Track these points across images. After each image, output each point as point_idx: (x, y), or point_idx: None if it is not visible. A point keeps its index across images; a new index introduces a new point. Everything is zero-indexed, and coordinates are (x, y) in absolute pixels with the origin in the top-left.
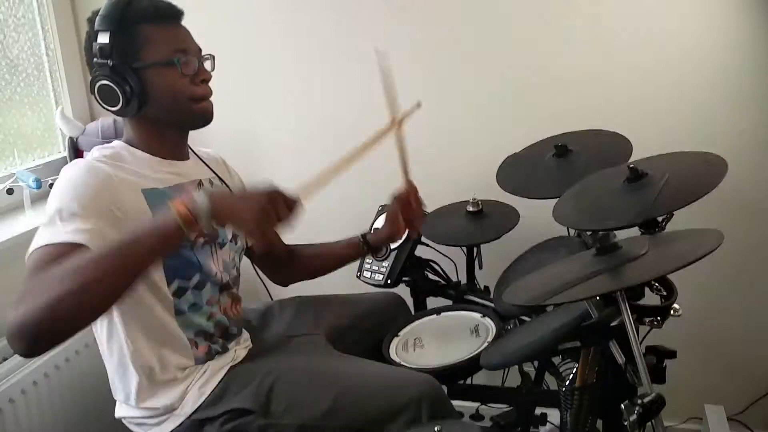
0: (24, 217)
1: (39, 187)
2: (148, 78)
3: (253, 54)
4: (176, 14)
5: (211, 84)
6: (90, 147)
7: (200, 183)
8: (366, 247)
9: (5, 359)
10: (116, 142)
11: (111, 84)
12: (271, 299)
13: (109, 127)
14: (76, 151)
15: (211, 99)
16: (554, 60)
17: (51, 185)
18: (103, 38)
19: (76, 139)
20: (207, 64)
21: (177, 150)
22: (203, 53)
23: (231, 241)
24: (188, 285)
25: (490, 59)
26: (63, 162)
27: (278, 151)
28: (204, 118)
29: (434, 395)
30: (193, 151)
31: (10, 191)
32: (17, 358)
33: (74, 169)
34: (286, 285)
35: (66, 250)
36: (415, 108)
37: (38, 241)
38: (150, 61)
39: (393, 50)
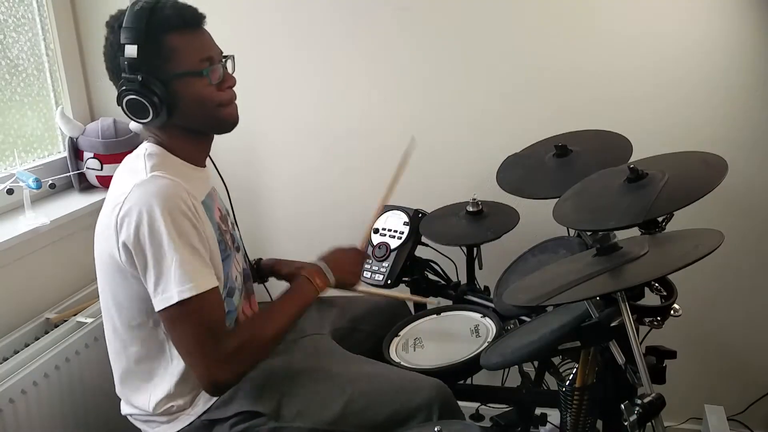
0: (24, 218)
1: (39, 187)
2: (176, 88)
3: (253, 55)
4: (200, 19)
5: (234, 55)
6: (90, 147)
7: (215, 190)
8: (256, 271)
9: (5, 359)
10: (153, 147)
11: (141, 99)
12: (271, 299)
13: (109, 127)
14: (76, 151)
15: (236, 102)
16: (554, 60)
17: (51, 185)
18: (131, 51)
19: (76, 139)
20: (229, 66)
21: (203, 156)
22: (223, 54)
23: (242, 244)
24: (225, 294)
25: (490, 60)
26: (63, 162)
27: (279, 152)
28: (232, 122)
29: (444, 399)
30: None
31: (10, 191)
32: (17, 358)
33: (168, 195)
34: None
35: (213, 293)
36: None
37: (192, 283)
38: (178, 71)
39: (393, 50)
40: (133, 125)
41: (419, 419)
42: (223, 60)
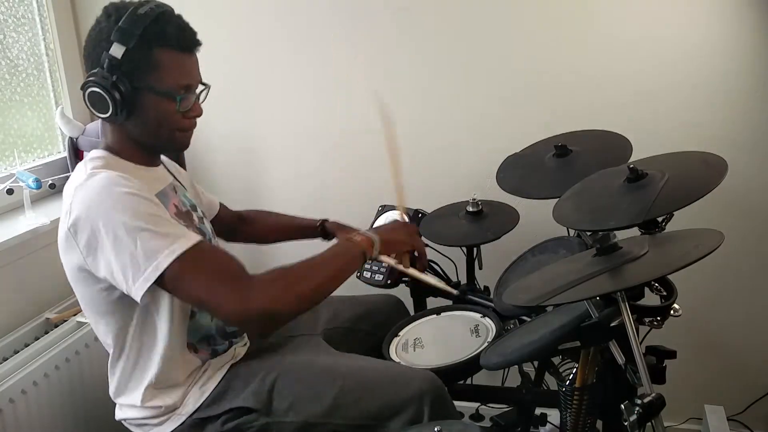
0: (24, 218)
1: (39, 187)
2: (144, 99)
3: (253, 55)
4: (195, 46)
5: (213, 85)
6: (90, 147)
7: (174, 187)
8: (322, 231)
9: (5, 359)
10: (98, 152)
11: (105, 95)
12: None
13: None
14: (76, 151)
15: (192, 131)
16: (554, 60)
17: (51, 185)
18: (116, 52)
19: (76, 139)
20: (202, 96)
21: (153, 160)
22: (202, 82)
23: (213, 237)
24: None
25: (490, 60)
26: (63, 162)
27: (279, 153)
28: (180, 147)
29: (436, 392)
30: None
31: (10, 191)
32: (17, 358)
33: (108, 187)
34: (228, 241)
35: (205, 243)
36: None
37: (166, 252)
38: (154, 86)
39: (393, 51)
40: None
41: (410, 411)
42: (201, 89)
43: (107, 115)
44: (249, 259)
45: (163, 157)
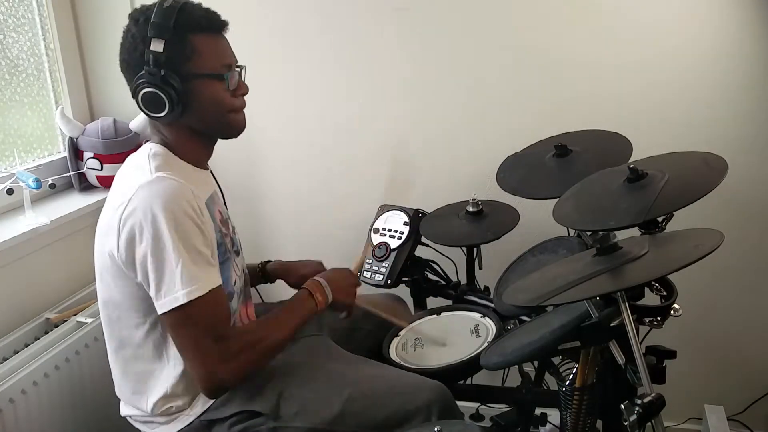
0: (24, 218)
1: (39, 187)
2: (194, 88)
3: (253, 56)
4: (224, 25)
5: (246, 65)
6: (90, 147)
7: (217, 194)
8: (262, 275)
9: (5, 359)
10: (158, 147)
11: (159, 92)
12: (262, 301)
13: (109, 127)
14: (76, 151)
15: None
16: (555, 60)
17: (51, 185)
18: (157, 46)
19: (76, 139)
20: (242, 75)
21: (206, 158)
22: (237, 63)
23: (241, 248)
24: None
25: (490, 59)
26: (63, 162)
27: (279, 153)
28: (239, 128)
29: (444, 402)
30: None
31: (10, 191)
32: (17, 358)
33: (174, 201)
34: None
35: (218, 291)
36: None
37: (197, 284)
38: (200, 72)
39: (393, 51)
40: (134, 124)
41: (418, 420)
42: (238, 68)
43: (164, 113)
44: (251, 255)
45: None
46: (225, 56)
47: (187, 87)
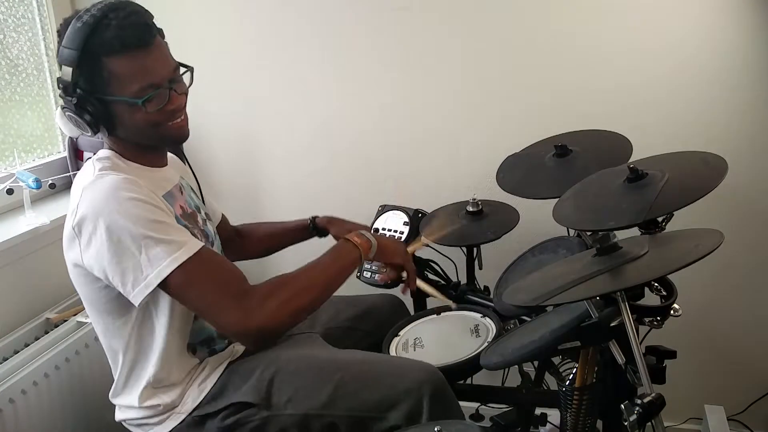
0: (24, 218)
1: (39, 187)
2: (114, 110)
3: (253, 56)
4: (147, 40)
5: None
6: (90, 147)
7: (180, 188)
8: (313, 229)
9: (5, 359)
10: (104, 152)
11: (76, 117)
12: None
13: None
14: (76, 151)
15: (185, 115)
16: (555, 60)
17: (51, 185)
18: (66, 74)
19: (76, 139)
20: (185, 78)
21: (159, 159)
22: (181, 69)
23: (216, 239)
24: None
25: (491, 59)
26: (63, 162)
27: (278, 153)
28: (177, 139)
29: (435, 383)
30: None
31: (9, 191)
32: (17, 358)
33: (115, 191)
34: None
35: (208, 251)
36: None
37: (169, 259)
38: (116, 96)
39: (394, 50)
40: None
41: (409, 401)
42: (175, 76)
43: (90, 133)
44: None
45: (170, 156)
46: (144, 77)
47: (107, 110)
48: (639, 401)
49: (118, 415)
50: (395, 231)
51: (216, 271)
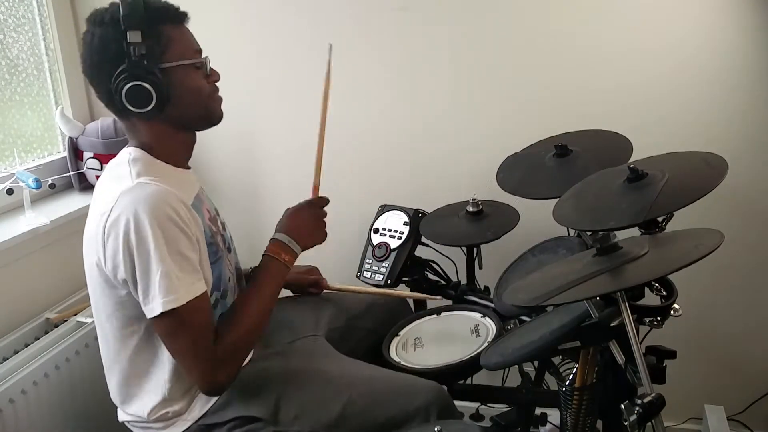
0: (24, 218)
1: (39, 187)
2: (174, 78)
3: (253, 56)
4: (186, 15)
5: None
6: (90, 147)
7: (203, 192)
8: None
9: (5, 359)
10: (137, 152)
11: (145, 84)
12: None
13: (109, 127)
14: (75, 151)
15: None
16: (555, 60)
17: (51, 185)
18: (135, 38)
19: (76, 139)
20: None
21: (187, 157)
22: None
23: (232, 242)
24: (219, 296)
25: (491, 59)
26: (63, 162)
27: (277, 152)
28: (218, 116)
29: (442, 403)
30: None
31: (9, 191)
32: (17, 358)
33: (158, 206)
34: None
35: (201, 300)
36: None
37: (176, 295)
38: (177, 61)
39: (394, 50)
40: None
41: (417, 421)
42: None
43: (150, 107)
44: (250, 254)
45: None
46: (194, 44)
47: (167, 78)
48: (639, 401)
49: (121, 416)
50: (395, 231)
51: (197, 324)
